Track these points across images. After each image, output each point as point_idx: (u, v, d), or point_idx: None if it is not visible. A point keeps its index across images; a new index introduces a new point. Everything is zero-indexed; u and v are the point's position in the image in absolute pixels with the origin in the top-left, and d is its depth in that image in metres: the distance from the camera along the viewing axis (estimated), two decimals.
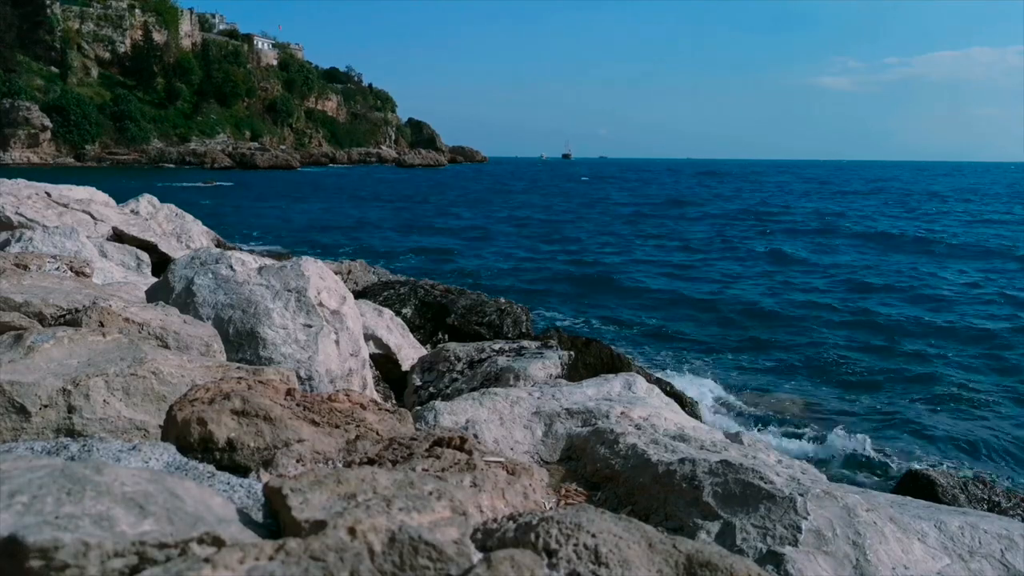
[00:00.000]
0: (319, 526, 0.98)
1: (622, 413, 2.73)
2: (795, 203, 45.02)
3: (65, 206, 6.01)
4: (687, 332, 12.10)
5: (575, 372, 4.25)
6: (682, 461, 2.15)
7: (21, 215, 5.50)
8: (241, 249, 7.02)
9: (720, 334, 12.00)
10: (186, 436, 1.46)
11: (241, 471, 1.43)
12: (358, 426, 1.61)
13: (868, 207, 42.78)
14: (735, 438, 2.82)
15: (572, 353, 4.48)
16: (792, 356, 10.71)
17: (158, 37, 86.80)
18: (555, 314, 13.20)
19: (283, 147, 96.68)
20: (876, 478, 6.65)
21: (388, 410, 1.76)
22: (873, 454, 7.26)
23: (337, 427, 1.58)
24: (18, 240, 4.28)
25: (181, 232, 7.91)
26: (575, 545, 1.02)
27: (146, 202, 7.96)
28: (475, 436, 2.21)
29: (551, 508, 1.45)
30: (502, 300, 7.32)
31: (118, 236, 6.07)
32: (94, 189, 6.78)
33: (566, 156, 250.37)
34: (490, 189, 56.63)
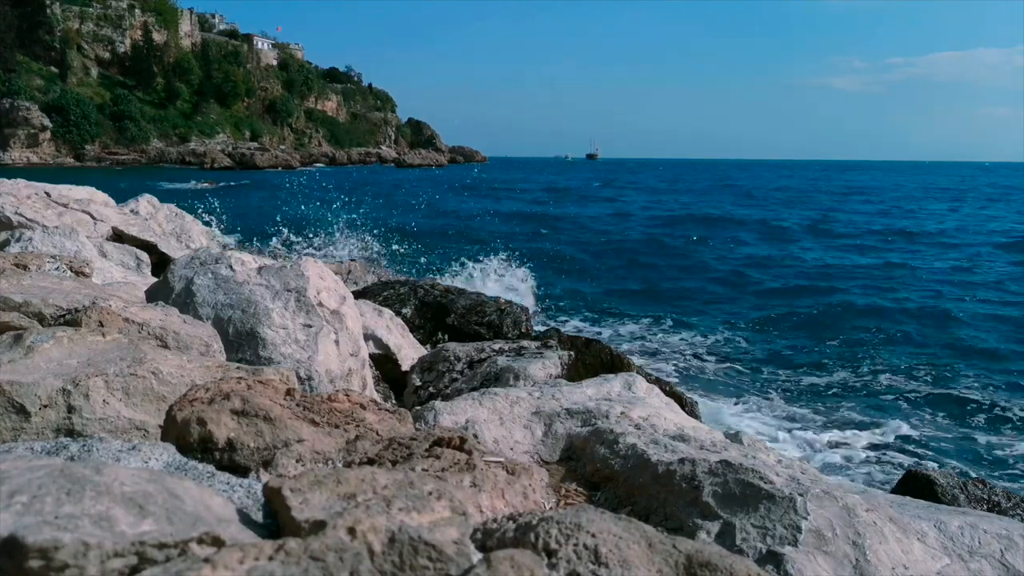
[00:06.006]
0: (319, 526, 0.98)
1: (622, 413, 2.72)
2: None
3: (65, 206, 6.01)
4: (694, 322, 12.08)
5: (575, 372, 4.25)
6: (682, 461, 2.14)
7: (21, 215, 5.50)
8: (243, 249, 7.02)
9: (720, 333, 12.00)
10: (186, 436, 1.46)
11: (241, 471, 1.43)
12: (358, 426, 1.61)
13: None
14: (735, 438, 2.82)
15: (572, 353, 4.48)
16: (791, 355, 10.72)
17: (158, 37, 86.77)
18: None
19: (283, 147, 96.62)
20: (876, 478, 6.65)
21: (388, 410, 1.76)
22: (872, 454, 7.26)
23: (337, 427, 1.58)
24: (18, 240, 4.28)
25: (181, 232, 7.91)
26: (575, 545, 1.02)
27: (146, 202, 7.97)
28: (475, 436, 2.20)
29: (551, 508, 1.46)
30: (502, 300, 7.31)
31: (118, 236, 6.06)
32: (94, 189, 6.77)
33: (591, 156, 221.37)
34: None
